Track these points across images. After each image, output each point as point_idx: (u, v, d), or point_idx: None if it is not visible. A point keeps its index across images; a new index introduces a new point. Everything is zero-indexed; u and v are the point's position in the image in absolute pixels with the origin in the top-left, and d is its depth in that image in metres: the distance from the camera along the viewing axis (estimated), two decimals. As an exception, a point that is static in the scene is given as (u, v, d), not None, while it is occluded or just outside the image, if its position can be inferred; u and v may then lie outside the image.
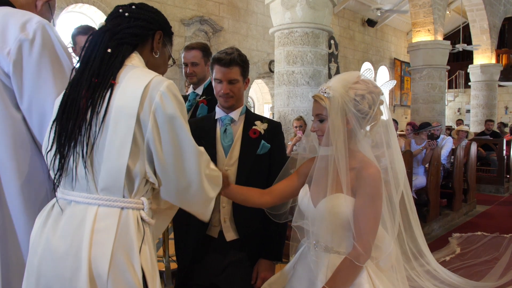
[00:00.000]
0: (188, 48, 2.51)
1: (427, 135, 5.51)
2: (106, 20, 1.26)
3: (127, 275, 1.08)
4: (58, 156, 1.15)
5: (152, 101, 1.10)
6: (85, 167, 1.11)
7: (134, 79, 1.13)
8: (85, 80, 1.14)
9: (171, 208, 1.38)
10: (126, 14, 1.23)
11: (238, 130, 1.83)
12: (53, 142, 1.16)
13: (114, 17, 1.25)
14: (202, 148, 1.23)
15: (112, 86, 1.12)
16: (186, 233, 1.87)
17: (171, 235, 2.88)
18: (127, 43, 1.20)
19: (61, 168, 1.15)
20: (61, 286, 1.10)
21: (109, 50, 1.16)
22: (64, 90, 1.20)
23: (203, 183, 1.22)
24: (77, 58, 1.25)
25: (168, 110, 1.11)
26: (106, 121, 1.11)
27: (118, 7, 1.27)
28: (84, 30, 2.59)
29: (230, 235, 1.78)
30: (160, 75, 1.16)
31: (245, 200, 1.63)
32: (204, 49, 2.49)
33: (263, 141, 1.80)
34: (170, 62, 1.41)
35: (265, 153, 1.81)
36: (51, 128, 1.18)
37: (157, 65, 1.33)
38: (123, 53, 1.18)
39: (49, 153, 1.17)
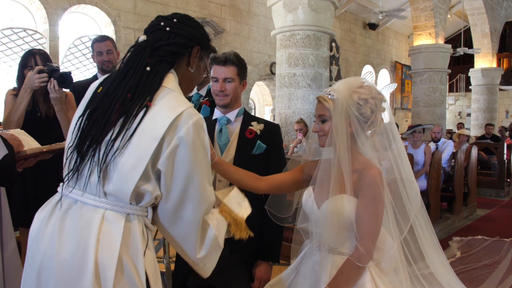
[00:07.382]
0: None
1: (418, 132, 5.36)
2: (146, 31, 1.25)
3: (132, 279, 1.09)
4: (75, 158, 1.15)
5: (178, 131, 1.10)
6: (99, 176, 1.11)
7: (168, 105, 1.13)
8: (120, 94, 1.14)
9: None
10: (167, 28, 1.22)
11: (235, 130, 1.84)
12: (74, 140, 1.17)
13: (154, 30, 1.24)
14: (211, 195, 1.20)
15: (147, 108, 1.12)
16: None
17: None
18: (166, 61, 1.21)
19: (76, 170, 1.15)
20: (65, 285, 1.09)
21: (148, 69, 1.16)
22: (95, 88, 1.21)
23: (197, 232, 1.18)
24: (95, 64, 1.24)
25: (189, 145, 1.11)
26: (132, 138, 1.11)
27: (159, 18, 1.26)
28: (101, 37, 3.02)
29: None
30: (192, 107, 1.16)
31: (240, 181, 1.60)
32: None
33: (259, 141, 1.81)
34: (204, 74, 1.40)
35: (261, 154, 1.81)
36: (76, 123, 1.18)
37: (192, 79, 1.32)
38: (161, 73, 1.18)
39: (70, 148, 1.17)
